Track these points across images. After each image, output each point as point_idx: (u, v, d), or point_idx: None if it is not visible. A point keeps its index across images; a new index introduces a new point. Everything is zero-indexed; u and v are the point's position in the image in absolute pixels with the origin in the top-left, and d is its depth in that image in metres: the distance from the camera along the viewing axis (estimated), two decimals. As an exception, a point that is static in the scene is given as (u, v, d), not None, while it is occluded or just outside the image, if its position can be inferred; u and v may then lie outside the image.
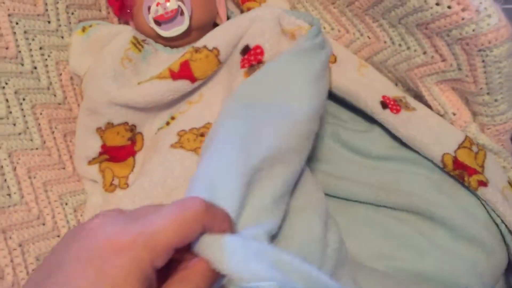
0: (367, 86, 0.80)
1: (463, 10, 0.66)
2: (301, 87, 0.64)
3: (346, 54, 0.85)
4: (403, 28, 0.76)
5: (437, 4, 0.68)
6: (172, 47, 0.84)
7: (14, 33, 0.73)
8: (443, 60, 0.74)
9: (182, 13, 0.80)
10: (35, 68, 0.76)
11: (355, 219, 0.74)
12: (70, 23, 0.81)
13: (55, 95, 0.78)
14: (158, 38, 0.83)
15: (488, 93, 0.72)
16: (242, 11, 0.91)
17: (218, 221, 0.40)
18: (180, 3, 0.79)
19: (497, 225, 0.73)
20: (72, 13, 0.82)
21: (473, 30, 0.67)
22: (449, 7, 0.67)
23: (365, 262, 0.69)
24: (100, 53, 0.77)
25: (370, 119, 0.81)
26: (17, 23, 0.73)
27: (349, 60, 0.84)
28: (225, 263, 0.38)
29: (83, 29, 0.80)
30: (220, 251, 0.39)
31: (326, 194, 0.75)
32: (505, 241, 0.74)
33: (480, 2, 0.66)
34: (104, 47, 0.78)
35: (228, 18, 0.93)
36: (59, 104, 0.79)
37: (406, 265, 0.70)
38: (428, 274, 0.69)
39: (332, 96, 0.84)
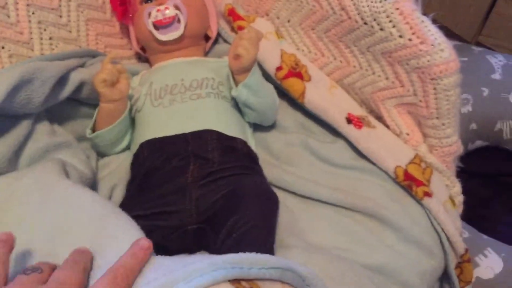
0: (335, 104, 0.92)
1: (421, 43, 0.79)
2: None
3: (320, 75, 0.97)
4: (371, 55, 0.89)
5: (400, 36, 0.81)
6: (166, 51, 0.94)
7: (30, 21, 0.82)
8: (402, 86, 0.86)
9: (178, 21, 0.91)
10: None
11: (317, 216, 0.83)
12: (78, 20, 0.91)
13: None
14: (154, 42, 0.93)
15: (437, 117, 0.84)
16: (232, 28, 1.03)
17: None
18: (178, 12, 0.90)
19: (437, 233, 0.84)
20: (82, 12, 0.91)
21: (428, 61, 0.79)
22: (409, 39, 0.80)
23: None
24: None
25: (336, 133, 0.92)
26: (33, 13, 0.82)
27: (321, 80, 0.96)
28: None
29: None
30: None
31: (293, 192, 0.85)
32: (443, 248, 0.84)
33: (435, 37, 0.79)
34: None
35: (219, 34, 1.04)
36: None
37: (357, 257, 0.78)
38: (375, 267, 0.78)
39: (304, 111, 0.95)
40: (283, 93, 0.96)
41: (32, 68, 0.72)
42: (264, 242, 0.68)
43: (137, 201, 0.76)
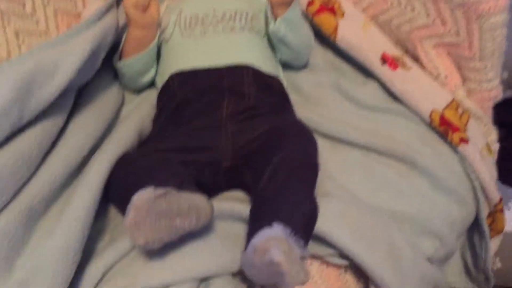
0: (370, 43, 0.87)
1: (469, -24, 0.73)
2: None
3: (354, 11, 0.91)
4: (411, -10, 0.83)
5: (446, -31, 0.75)
6: None
7: None
8: (443, 24, 0.81)
9: None
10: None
11: (346, 159, 0.79)
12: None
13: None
14: None
15: (480, 59, 0.80)
16: None
17: None
18: None
19: (471, 181, 0.80)
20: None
21: (476, -4, 0.74)
22: (456, -28, 0.74)
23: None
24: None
25: (368, 73, 0.87)
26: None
27: (355, 17, 0.90)
28: None
29: None
30: None
31: (322, 134, 0.81)
32: (476, 197, 0.81)
33: (484, -29, 0.73)
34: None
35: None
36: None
37: (385, 204, 0.75)
38: (404, 215, 0.75)
39: (335, 48, 0.90)
40: (313, 30, 0.91)
41: (99, 36, 0.70)
42: (311, 183, 0.65)
43: (169, 134, 0.73)
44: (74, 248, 0.56)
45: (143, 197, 0.54)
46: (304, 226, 0.59)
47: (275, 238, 0.52)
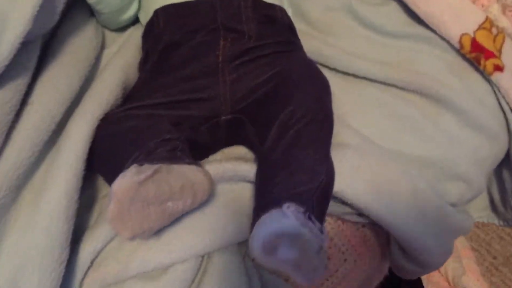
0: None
1: None
2: None
3: None
4: None
5: None
6: None
7: None
8: None
9: None
10: None
11: (363, 97, 0.70)
12: None
13: None
14: None
15: (520, -33, 0.67)
16: None
17: None
18: None
19: (504, 113, 0.71)
20: None
21: None
22: None
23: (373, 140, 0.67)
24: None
25: (386, -9, 0.75)
26: None
27: None
28: None
29: None
30: None
31: (334, 69, 0.71)
32: (509, 131, 0.72)
33: None
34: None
35: None
36: None
37: (407, 148, 0.67)
38: (428, 159, 0.67)
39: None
40: None
41: None
42: (325, 140, 0.57)
43: (156, 85, 0.62)
44: (59, 245, 0.47)
45: (125, 183, 0.45)
46: (320, 198, 0.51)
47: (286, 232, 0.44)
